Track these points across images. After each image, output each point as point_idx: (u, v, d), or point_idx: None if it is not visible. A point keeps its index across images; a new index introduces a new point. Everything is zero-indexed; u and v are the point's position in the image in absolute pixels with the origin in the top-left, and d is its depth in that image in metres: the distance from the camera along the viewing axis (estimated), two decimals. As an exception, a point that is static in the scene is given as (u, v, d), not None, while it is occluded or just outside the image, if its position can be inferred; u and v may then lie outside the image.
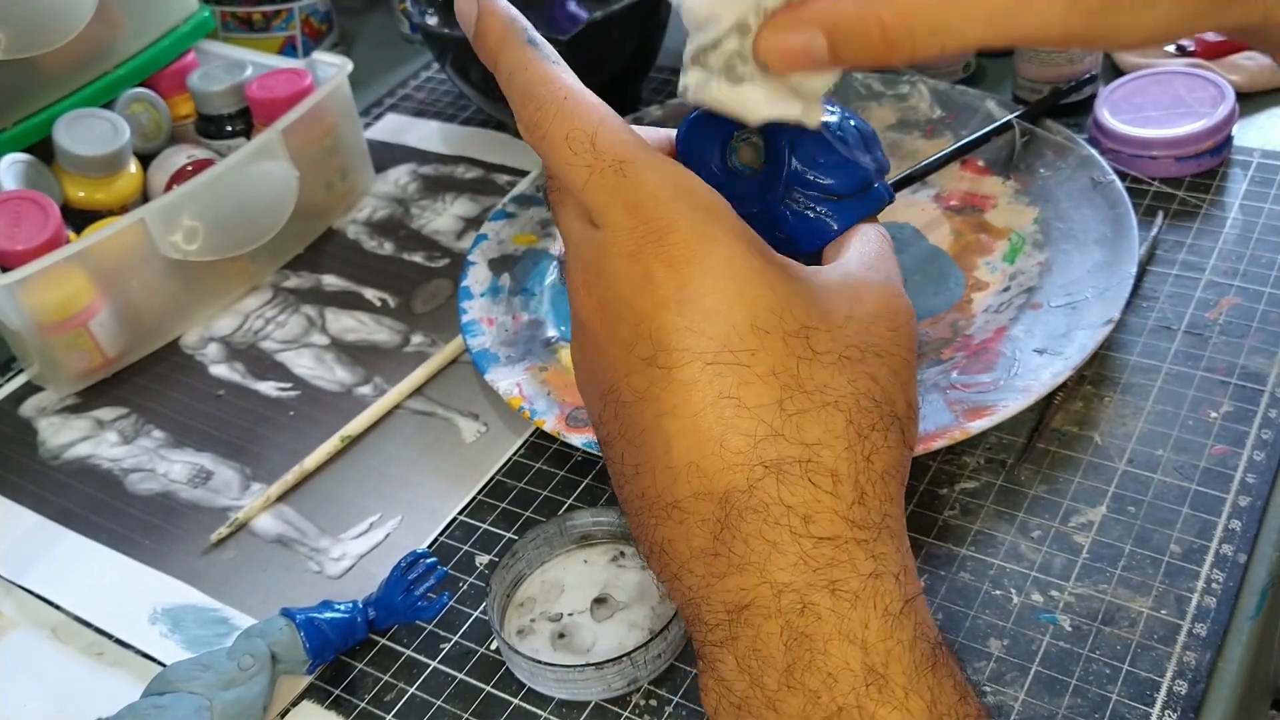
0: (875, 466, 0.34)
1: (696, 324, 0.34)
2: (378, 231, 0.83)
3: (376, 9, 1.11)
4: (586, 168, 0.35)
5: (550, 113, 0.36)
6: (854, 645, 0.33)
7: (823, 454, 0.34)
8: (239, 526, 0.63)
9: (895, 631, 0.33)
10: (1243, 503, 0.54)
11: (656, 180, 0.35)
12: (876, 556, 0.34)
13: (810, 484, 0.33)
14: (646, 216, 0.35)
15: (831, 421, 0.34)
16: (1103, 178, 0.67)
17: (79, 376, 0.73)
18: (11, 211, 0.69)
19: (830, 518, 0.33)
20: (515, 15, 0.38)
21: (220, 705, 0.50)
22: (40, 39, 0.73)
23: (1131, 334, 0.63)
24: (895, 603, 0.33)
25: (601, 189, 0.35)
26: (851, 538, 0.33)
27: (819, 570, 0.33)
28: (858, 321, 0.36)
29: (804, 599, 0.33)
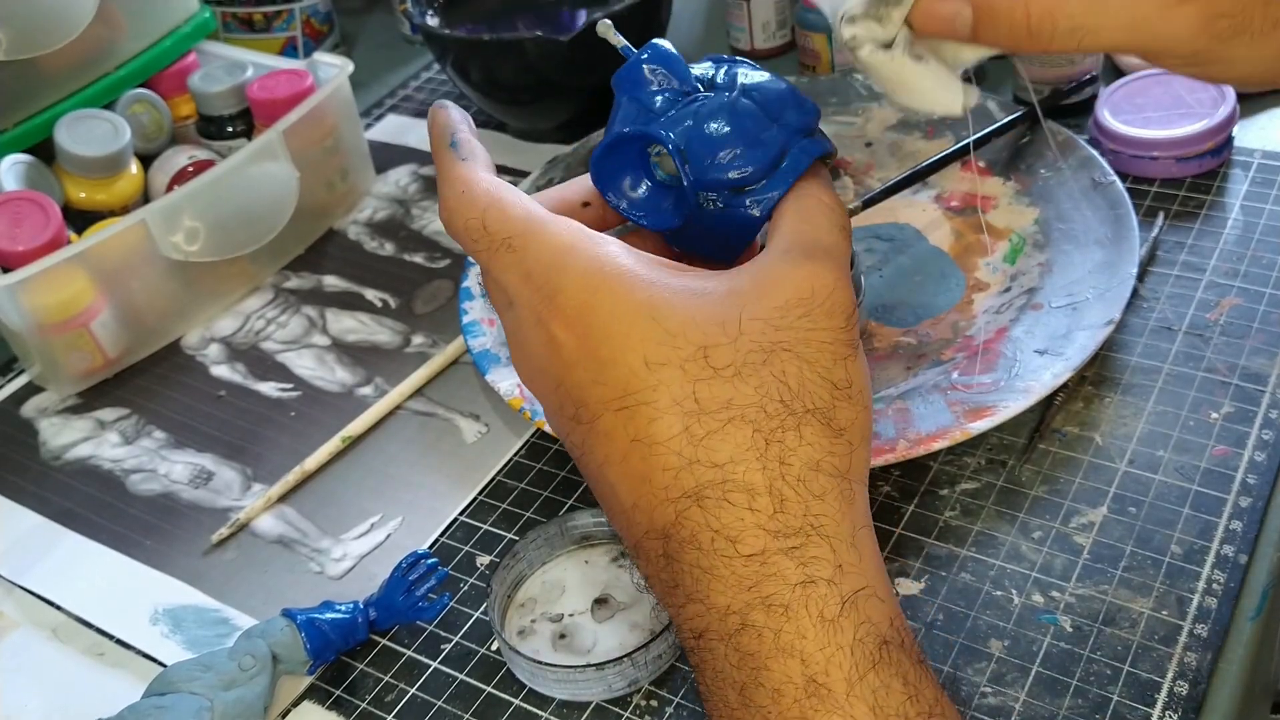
0: (793, 468, 0.34)
1: (598, 375, 0.36)
2: (379, 232, 0.83)
3: (377, 10, 1.11)
4: (486, 251, 0.38)
5: (451, 208, 0.39)
6: (792, 658, 0.33)
7: (736, 471, 0.34)
8: (240, 527, 0.63)
9: (833, 637, 0.33)
10: (1243, 503, 0.54)
11: (540, 248, 0.37)
12: (806, 563, 0.34)
13: (729, 504, 0.34)
14: (538, 284, 0.37)
15: (738, 436, 0.34)
16: (1103, 178, 0.67)
17: (80, 377, 0.73)
18: (12, 212, 0.69)
19: (754, 533, 0.34)
20: (448, 122, 0.42)
21: (221, 706, 0.50)
22: (41, 40, 0.73)
23: (1132, 335, 0.63)
24: (831, 606, 0.33)
25: (500, 267, 0.38)
26: (777, 549, 0.34)
27: (752, 588, 0.33)
28: (762, 321, 0.36)
29: (743, 619, 0.33)
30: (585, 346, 0.36)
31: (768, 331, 0.35)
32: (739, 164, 0.40)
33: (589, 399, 0.36)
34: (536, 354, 0.38)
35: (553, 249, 0.37)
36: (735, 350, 0.35)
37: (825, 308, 0.36)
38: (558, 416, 0.38)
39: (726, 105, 0.40)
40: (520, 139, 0.88)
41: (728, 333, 0.35)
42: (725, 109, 0.40)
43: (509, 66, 0.81)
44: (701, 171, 0.40)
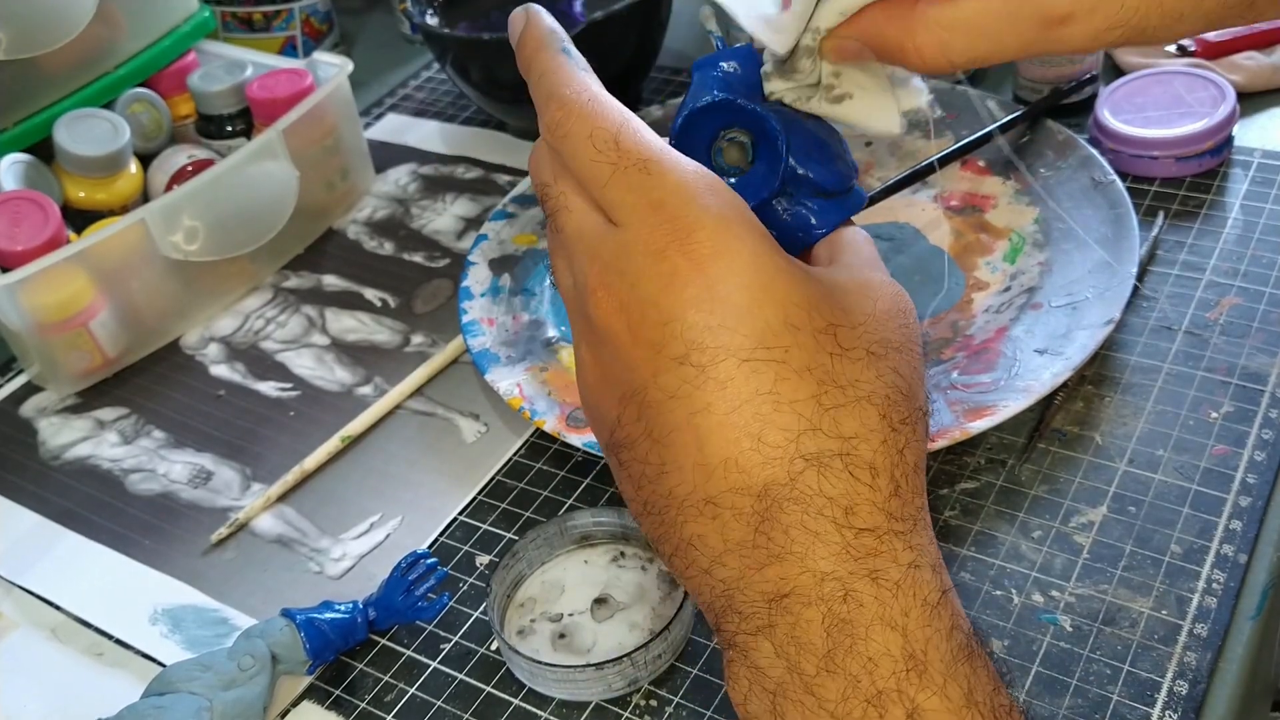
0: (908, 460, 0.35)
1: (729, 321, 0.34)
2: (378, 231, 0.83)
3: (377, 9, 1.11)
4: (610, 165, 0.35)
5: (574, 112, 0.37)
6: (895, 631, 0.33)
7: (860, 448, 0.34)
8: (239, 527, 0.63)
9: (934, 620, 0.33)
10: (1243, 503, 0.54)
11: (681, 179, 0.35)
12: (914, 548, 0.34)
13: (851, 476, 0.34)
14: (671, 214, 0.35)
15: (866, 416, 0.34)
16: (1103, 178, 0.67)
17: (79, 377, 0.73)
18: (12, 212, 0.69)
19: (870, 510, 0.34)
20: (556, 28, 0.40)
21: (220, 705, 0.50)
22: (41, 39, 0.73)
23: (1132, 334, 0.63)
24: (934, 593, 0.34)
25: (625, 186, 0.35)
26: (890, 529, 0.34)
27: (860, 560, 0.33)
28: (876, 319, 0.36)
29: (846, 587, 0.33)
30: (718, 290, 0.34)
31: (875, 329, 0.36)
32: (832, 170, 0.40)
33: (710, 342, 0.34)
34: (645, 284, 0.35)
35: (695, 184, 0.35)
36: (859, 337, 0.35)
37: (915, 328, 0.38)
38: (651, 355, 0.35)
39: (816, 119, 0.41)
40: (520, 139, 0.88)
41: (851, 319, 0.35)
42: (817, 121, 0.41)
43: (509, 66, 0.80)
44: (800, 163, 0.40)
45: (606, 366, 0.37)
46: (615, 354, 0.36)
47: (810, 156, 0.40)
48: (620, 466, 0.37)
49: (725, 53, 0.41)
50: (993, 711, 0.33)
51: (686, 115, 0.40)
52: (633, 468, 0.36)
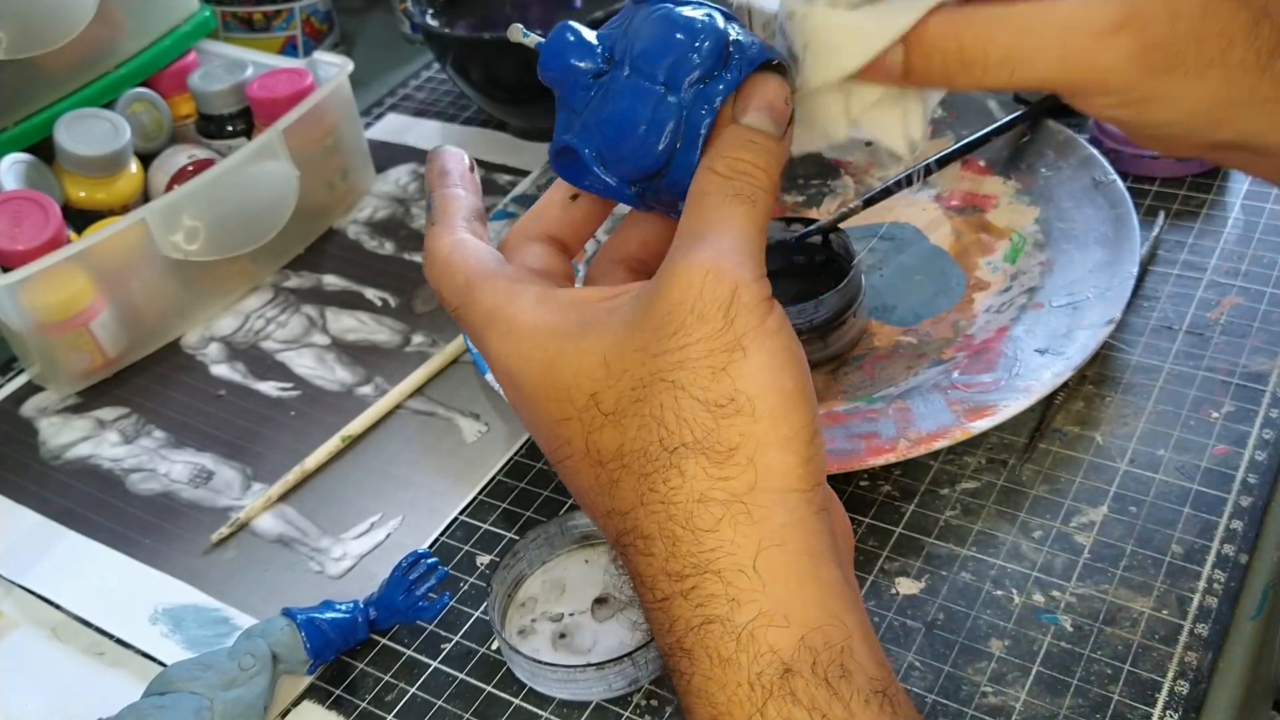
0: (679, 507, 0.33)
1: (534, 432, 0.38)
2: (378, 231, 0.83)
3: (377, 9, 1.11)
4: (452, 310, 0.39)
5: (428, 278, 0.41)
6: (702, 700, 0.33)
7: (636, 519, 0.34)
8: (240, 526, 0.63)
9: (732, 674, 0.32)
10: (1244, 503, 0.54)
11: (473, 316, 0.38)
12: (702, 603, 0.33)
13: (638, 552, 0.34)
14: (480, 346, 0.38)
15: (629, 484, 0.34)
16: (1104, 177, 0.67)
17: (80, 376, 0.73)
18: (12, 211, 0.69)
19: (660, 579, 0.34)
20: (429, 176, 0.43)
21: (221, 705, 0.50)
22: (41, 39, 0.73)
23: (1133, 334, 0.63)
24: (726, 645, 0.32)
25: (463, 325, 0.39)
26: (676, 592, 0.33)
27: (668, 633, 0.34)
28: (641, 351, 0.34)
29: (670, 663, 0.34)
30: (519, 406, 0.38)
31: (645, 361, 0.34)
32: (641, 151, 0.37)
33: (543, 449, 0.38)
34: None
35: (480, 316, 0.38)
36: (617, 391, 0.34)
37: (696, 312, 0.33)
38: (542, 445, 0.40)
39: (615, 92, 0.38)
40: (520, 138, 0.88)
41: (611, 372, 0.34)
42: (613, 97, 0.38)
43: (509, 65, 0.81)
44: (618, 169, 0.38)
45: None
46: None
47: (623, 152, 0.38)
48: None
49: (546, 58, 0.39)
50: None
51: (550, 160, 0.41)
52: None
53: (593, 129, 0.38)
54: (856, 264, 0.63)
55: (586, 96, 0.39)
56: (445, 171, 0.42)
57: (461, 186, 0.42)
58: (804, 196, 0.76)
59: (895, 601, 0.52)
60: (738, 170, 0.36)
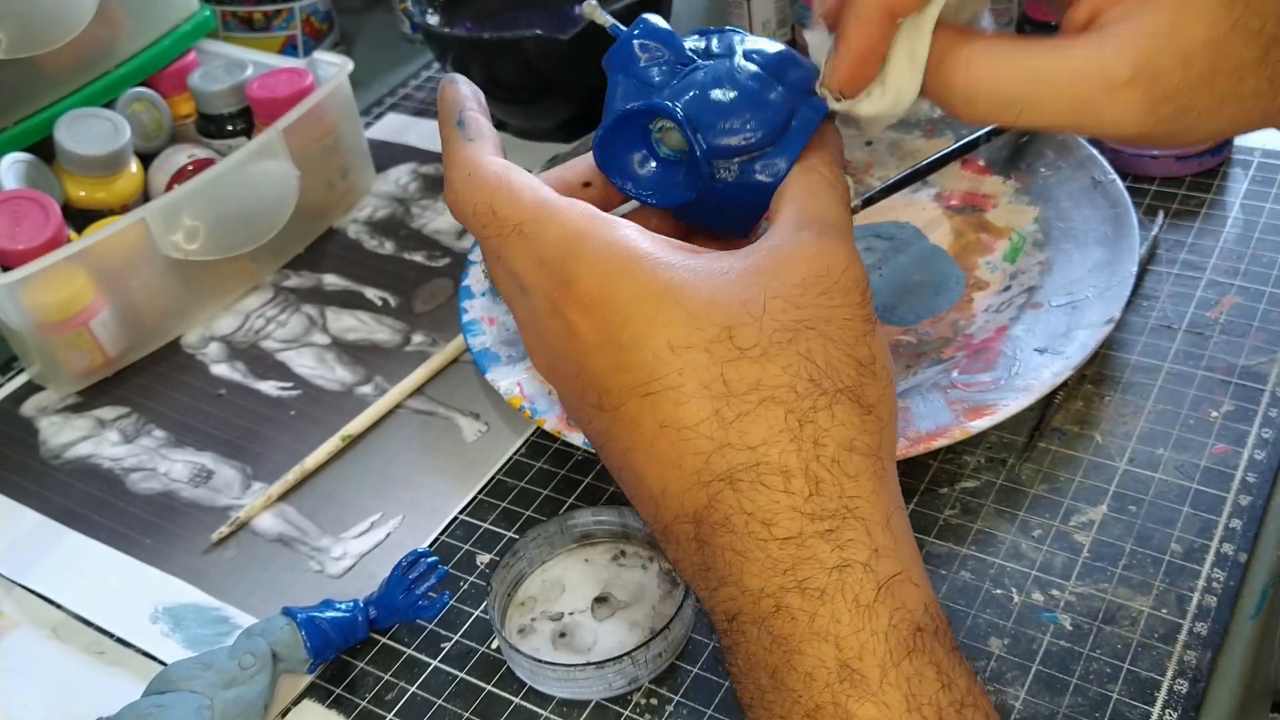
0: (827, 449, 0.34)
1: (621, 361, 0.35)
2: (378, 231, 0.83)
3: (377, 9, 1.11)
4: (496, 237, 0.37)
5: (458, 192, 0.38)
6: (826, 642, 0.33)
7: (770, 453, 0.34)
8: (240, 526, 0.63)
9: (868, 622, 0.33)
10: (1243, 502, 0.54)
11: (555, 233, 0.36)
12: (842, 546, 0.33)
13: (764, 487, 0.34)
14: (552, 271, 0.36)
15: (770, 418, 0.34)
16: (1103, 177, 0.67)
17: (80, 376, 0.73)
18: (12, 211, 0.69)
19: (789, 516, 0.33)
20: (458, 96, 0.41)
21: (221, 704, 0.50)
22: (41, 39, 0.73)
23: (1132, 333, 0.63)
24: (867, 591, 0.33)
25: (513, 254, 0.37)
26: (813, 532, 0.33)
27: (787, 572, 0.33)
28: (783, 300, 0.35)
29: (777, 602, 0.33)
30: (605, 333, 0.35)
31: (789, 310, 0.35)
32: (750, 128, 0.39)
33: (612, 386, 0.35)
34: (554, 342, 0.37)
35: (567, 234, 0.36)
36: (760, 330, 0.35)
37: (842, 285, 0.36)
38: (579, 405, 0.37)
39: (729, 70, 0.39)
40: (520, 138, 0.88)
41: (751, 312, 0.35)
42: (728, 74, 0.39)
43: (509, 65, 0.81)
44: (713, 138, 0.39)
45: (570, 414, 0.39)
46: (564, 405, 0.39)
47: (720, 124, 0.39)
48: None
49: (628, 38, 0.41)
50: (937, 712, 0.33)
51: (601, 134, 0.40)
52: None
53: (694, 97, 0.39)
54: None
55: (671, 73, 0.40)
56: (469, 96, 0.41)
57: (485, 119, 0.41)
58: (804, 196, 0.76)
59: (895, 600, 0.52)
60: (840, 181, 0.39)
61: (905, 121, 0.78)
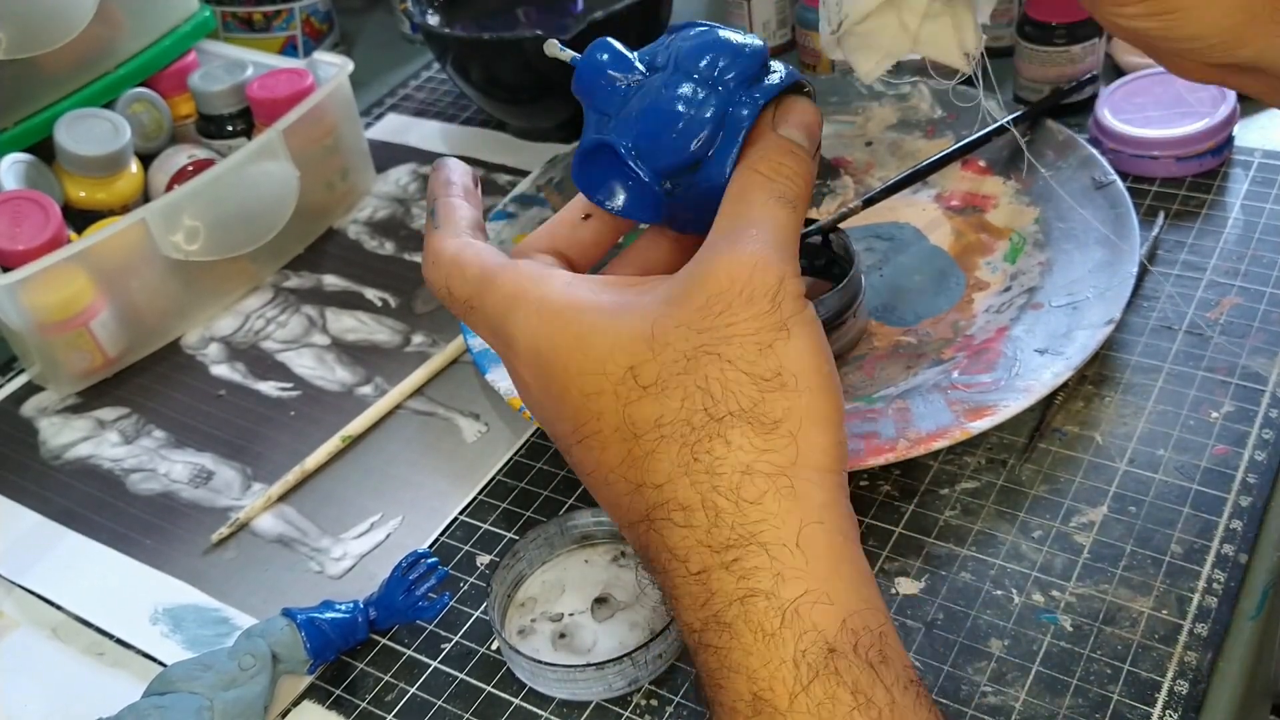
0: (724, 477, 0.33)
1: (556, 411, 0.37)
2: (378, 231, 0.83)
3: (377, 9, 1.11)
4: (458, 313, 0.40)
5: (426, 277, 0.41)
6: (740, 675, 0.33)
7: (675, 491, 0.34)
8: (240, 526, 0.63)
9: (775, 651, 0.32)
10: (1244, 503, 0.54)
11: (493, 301, 0.38)
12: (745, 575, 0.33)
13: (673, 524, 0.34)
14: (498, 335, 0.38)
15: (668, 454, 0.34)
16: (1104, 178, 0.67)
17: (80, 376, 0.73)
18: (12, 211, 0.69)
19: (698, 551, 0.33)
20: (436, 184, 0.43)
21: (221, 705, 0.50)
22: (41, 39, 0.73)
23: (1132, 334, 0.63)
24: (771, 619, 0.32)
25: (473, 325, 0.40)
26: (717, 564, 0.33)
27: (704, 606, 0.33)
28: (685, 326, 0.34)
29: (701, 639, 0.34)
30: (542, 386, 0.37)
31: (690, 336, 0.34)
32: (681, 143, 0.38)
33: (557, 434, 0.38)
34: (521, 396, 0.39)
35: (502, 299, 0.38)
36: (659, 364, 0.35)
37: (744, 295, 0.34)
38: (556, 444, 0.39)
39: (655, 89, 0.39)
40: (520, 138, 0.88)
41: (652, 347, 0.35)
42: (655, 93, 0.39)
43: (509, 65, 0.81)
44: (654, 161, 0.39)
45: None
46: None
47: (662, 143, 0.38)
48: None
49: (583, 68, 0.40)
50: None
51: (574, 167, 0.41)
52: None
53: (631, 123, 0.39)
54: (855, 264, 0.63)
55: (622, 100, 0.40)
56: (450, 182, 0.43)
57: (466, 200, 0.42)
58: (804, 196, 0.76)
59: (895, 601, 0.52)
60: (781, 174, 0.37)
61: (905, 122, 0.78)
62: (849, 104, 0.79)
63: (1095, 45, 0.77)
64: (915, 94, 0.78)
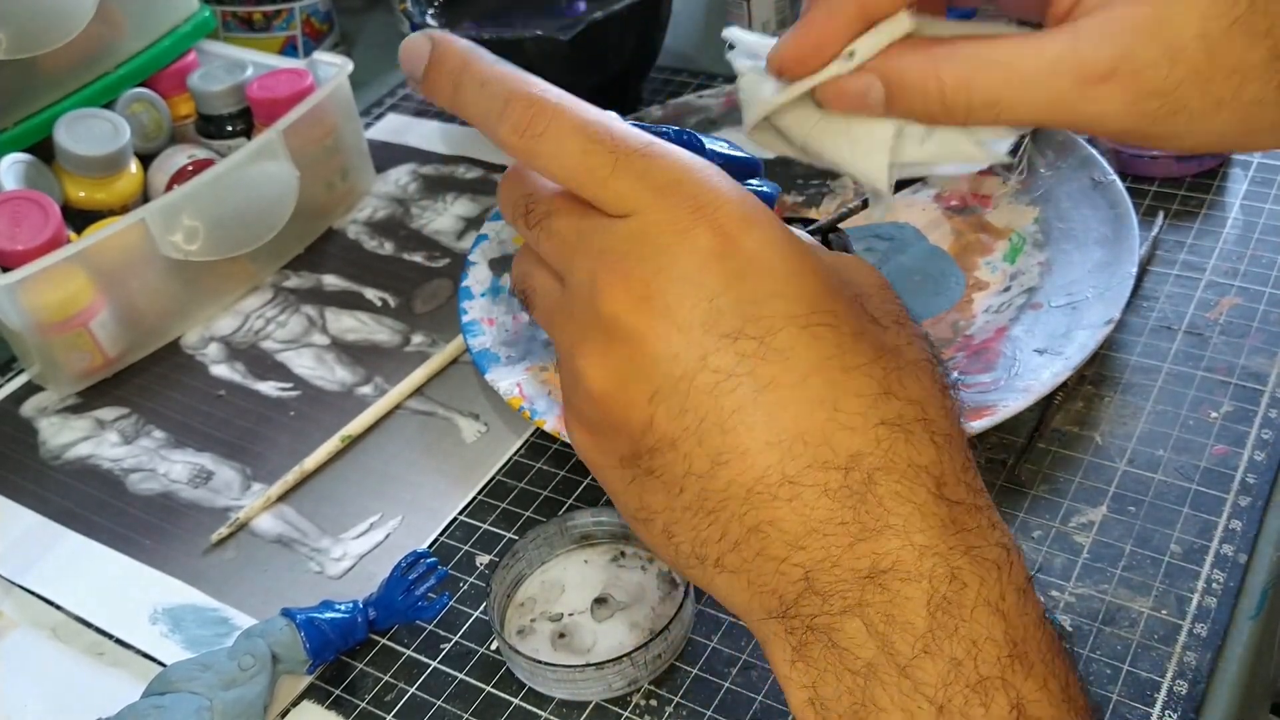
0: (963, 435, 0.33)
1: (780, 289, 0.32)
2: (378, 231, 0.83)
3: (377, 9, 1.11)
4: (610, 153, 0.33)
5: (549, 108, 0.34)
6: (997, 615, 0.31)
7: (930, 410, 0.32)
8: (239, 526, 0.63)
9: (1027, 607, 0.32)
10: (1243, 503, 0.54)
11: (689, 160, 0.34)
12: (998, 526, 0.32)
13: (934, 445, 0.32)
14: (691, 193, 0.33)
15: (923, 378, 0.33)
16: (1103, 178, 0.67)
17: (79, 376, 0.73)
18: (12, 211, 0.69)
19: (956, 480, 0.32)
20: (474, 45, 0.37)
21: (221, 705, 0.50)
22: (41, 39, 0.73)
23: (1132, 334, 0.63)
24: (1022, 578, 0.32)
25: (632, 174, 0.33)
26: (975, 504, 0.32)
27: (958, 534, 0.31)
28: (882, 292, 0.35)
29: (949, 564, 0.31)
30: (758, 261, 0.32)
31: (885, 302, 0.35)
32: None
33: (764, 313, 0.32)
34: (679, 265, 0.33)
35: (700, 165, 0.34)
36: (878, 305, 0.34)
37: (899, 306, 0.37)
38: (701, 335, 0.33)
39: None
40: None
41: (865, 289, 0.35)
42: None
43: (509, 66, 0.81)
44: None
45: (625, 367, 0.33)
46: (640, 349, 0.33)
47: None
48: (650, 474, 0.33)
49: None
50: (1085, 708, 0.32)
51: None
52: (672, 470, 0.33)
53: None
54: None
55: None
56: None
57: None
58: (803, 196, 0.76)
59: (894, 601, 0.52)
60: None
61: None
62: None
63: (1095, 45, 0.77)
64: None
